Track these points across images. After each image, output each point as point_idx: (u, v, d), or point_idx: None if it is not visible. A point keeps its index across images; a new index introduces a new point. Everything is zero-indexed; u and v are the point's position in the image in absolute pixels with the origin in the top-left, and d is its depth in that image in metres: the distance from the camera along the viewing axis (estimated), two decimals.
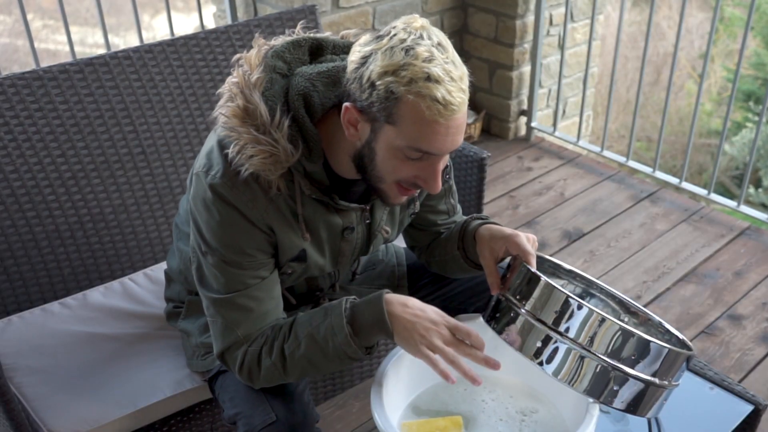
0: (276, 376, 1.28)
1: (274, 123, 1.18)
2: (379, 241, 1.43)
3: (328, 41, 1.30)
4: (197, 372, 1.54)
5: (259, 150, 1.17)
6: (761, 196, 6.07)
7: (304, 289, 1.46)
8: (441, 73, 1.09)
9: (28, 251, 1.75)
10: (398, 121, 1.12)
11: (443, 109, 1.10)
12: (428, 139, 1.13)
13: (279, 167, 1.19)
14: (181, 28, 5.71)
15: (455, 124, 1.13)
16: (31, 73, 1.71)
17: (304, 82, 1.21)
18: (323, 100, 1.22)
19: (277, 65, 1.23)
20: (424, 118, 1.10)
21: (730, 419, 1.45)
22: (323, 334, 1.23)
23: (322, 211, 1.29)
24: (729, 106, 2.89)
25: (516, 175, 3.24)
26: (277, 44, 1.26)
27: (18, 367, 1.57)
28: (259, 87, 1.20)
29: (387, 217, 1.40)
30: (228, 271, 1.25)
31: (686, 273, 2.64)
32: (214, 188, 1.21)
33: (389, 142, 1.15)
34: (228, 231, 1.23)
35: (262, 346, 1.27)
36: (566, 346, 1.18)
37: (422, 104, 1.09)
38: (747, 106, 6.46)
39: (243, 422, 1.31)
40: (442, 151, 1.16)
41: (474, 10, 3.38)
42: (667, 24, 7.93)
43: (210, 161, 1.24)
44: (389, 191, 1.23)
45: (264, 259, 1.27)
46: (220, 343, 1.30)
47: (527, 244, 1.29)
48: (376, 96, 1.11)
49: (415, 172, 1.18)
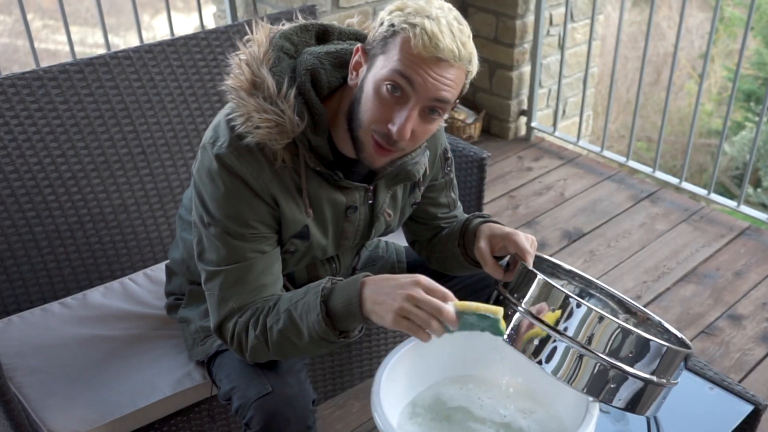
0: (260, 351, 1.28)
1: (281, 94, 1.20)
2: (381, 225, 1.43)
3: (334, 27, 1.34)
4: (198, 362, 1.55)
5: (266, 119, 1.19)
6: (761, 195, 6.07)
7: (305, 279, 1.46)
8: (441, 17, 1.15)
9: (28, 251, 1.75)
10: (388, 51, 1.16)
11: (428, 42, 1.12)
12: (406, 65, 1.14)
13: (284, 137, 1.21)
14: (181, 28, 5.71)
15: (440, 68, 1.15)
16: (31, 73, 1.71)
17: (312, 59, 1.25)
18: (330, 79, 1.25)
19: (285, 45, 1.26)
20: (410, 46, 1.14)
21: (730, 419, 1.45)
22: (300, 311, 1.22)
23: (326, 187, 1.30)
24: (729, 106, 2.89)
25: (516, 175, 3.24)
26: (285, 27, 1.29)
27: (18, 367, 1.57)
28: (267, 63, 1.23)
29: (389, 201, 1.41)
30: (230, 243, 1.26)
31: (686, 273, 2.64)
32: (220, 158, 1.23)
33: (375, 73, 1.18)
34: (233, 202, 1.24)
35: (250, 318, 1.27)
36: (565, 345, 1.18)
37: (410, 32, 1.13)
38: (747, 106, 6.46)
39: (238, 395, 1.31)
40: (416, 86, 1.15)
41: (474, 10, 3.38)
42: (667, 24, 7.93)
43: (216, 133, 1.26)
44: (365, 141, 1.21)
45: (267, 232, 1.28)
46: (216, 316, 1.30)
47: (526, 243, 1.29)
48: (380, 32, 1.17)
49: (388, 115, 1.17)
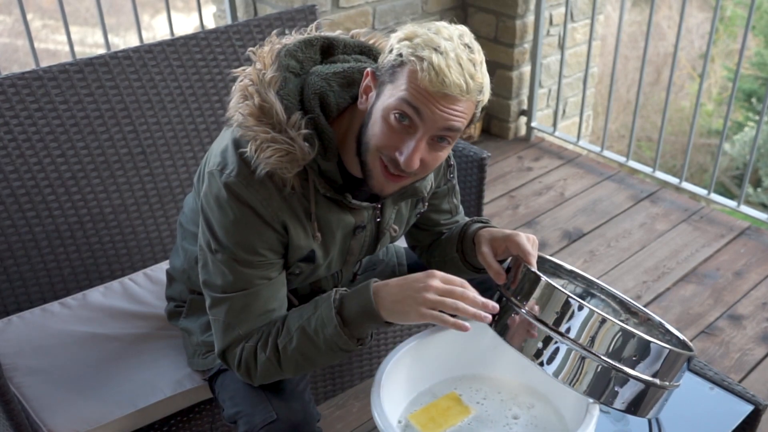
0: (272, 372, 1.28)
1: (291, 122, 1.19)
2: (386, 240, 1.43)
3: (339, 40, 1.32)
4: (198, 371, 1.54)
5: (276, 149, 1.17)
6: (761, 195, 6.07)
7: (308, 291, 1.46)
8: (450, 50, 1.12)
9: (28, 251, 1.75)
10: (396, 81, 1.15)
11: (435, 77, 1.11)
12: (414, 98, 1.13)
13: (295, 165, 1.19)
14: (181, 28, 5.72)
15: (446, 101, 1.13)
16: (31, 73, 1.71)
17: (320, 81, 1.23)
18: (338, 100, 1.24)
19: (290, 64, 1.25)
20: (417, 80, 1.12)
21: (730, 419, 1.45)
22: (314, 327, 1.22)
23: (335, 209, 1.30)
24: (729, 106, 2.89)
25: (516, 175, 3.24)
26: (290, 43, 1.28)
27: (18, 367, 1.57)
28: (274, 86, 1.21)
29: (395, 216, 1.41)
30: (237, 270, 1.25)
31: (686, 273, 2.64)
32: (229, 187, 1.22)
33: (383, 101, 1.17)
34: (242, 230, 1.23)
35: (258, 342, 1.27)
36: (567, 347, 1.18)
37: (418, 65, 1.12)
38: (748, 106, 6.47)
39: (243, 421, 1.31)
40: (423, 116, 1.14)
41: (474, 10, 3.38)
42: (667, 24, 7.93)
43: (225, 160, 1.24)
44: (373, 167, 1.21)
45: (274, 259, 1.27)
46: (221, 342, 1.30)
47: (527, 244, 1.29)
48: (389, 60, 1.16)
49: (396, 142, 1.17)
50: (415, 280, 1.19)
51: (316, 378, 1.82)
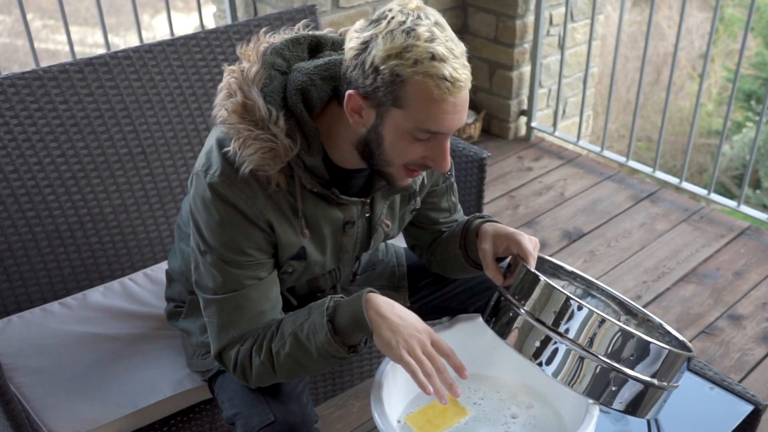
0: (267, 376, 1.27)
1: (272, 118, 1.18)
2: (380, 236, 1.43)
3: (327, 38, 1.30)
4: (197, 372, 1.54)
5: (259, 147, 1.17)
6: (762, 198, 6.07)
7: (306, 291, 1.46)
8: (444, 51, 1.10)
9: (28, 251, 1.75)
10: (406, 104, 1.13)
11: (452, 86, 1.11)
12: (437, 119, 1.13)
13: (278, 162, 1.19)
14: (181, 28, 5.72)
15: (461, 101, 1.15)
16: (31, 73, 1.71)
17: (302, 77, 1.22)
18: (321, 94, 1.22)
19: (276, 62, 1.23)
20: (433, 98, 1.11)
21: (730, 419, 1.45)
22: (306, 333, 1.22)
23: (322, 205, 1.29)
24: (729, 106, 2.89)
25: (516, 175, 3.24)
26: (276, 42, 1.26)
27: (18, 367, 1.57)
28: (258, 83, 1.20)
29: (387, 211, 1.40)
30: (226, 271, 1.25)
31: (686, 273, 2.64)
32: (213, 187, 1.22)
33: (397, 125, 1.15)
34: (227, 230, 1.23)
35: (253, 345, 1.27)
36: (566, 347, 1.18)
37: (430, 83, 1.10)
38: (747, 106, 6.47)
39: (241, 423, 1.31)
40: (451, 129, 1.16)
41: (474, 10, 3.38)
42: (667, 24, 7.93)
43: (209, 160, 1.24)
44: (396, 174, 1.23)
45: (263, 258, 1.27)
46: (216, 344, 1.30)
47: (529, 245, 1.29)
48: (380, 80, 1.12)
49: (424, 152, 1.19)
50: (415, 327, 1.19)
51: (316, 378, 1.82)
